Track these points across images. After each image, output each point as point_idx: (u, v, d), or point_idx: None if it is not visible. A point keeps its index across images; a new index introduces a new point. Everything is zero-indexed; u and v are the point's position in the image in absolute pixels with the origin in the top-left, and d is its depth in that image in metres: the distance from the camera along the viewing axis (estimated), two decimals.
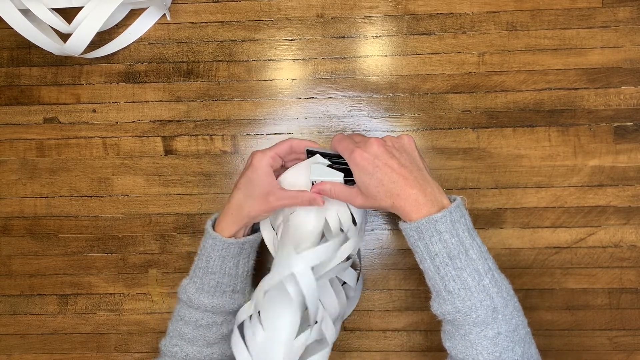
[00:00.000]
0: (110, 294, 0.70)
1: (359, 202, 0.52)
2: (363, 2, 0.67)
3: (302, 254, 0.52)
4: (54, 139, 0.69)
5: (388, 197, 0.50)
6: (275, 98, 0.68)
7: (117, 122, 0.69)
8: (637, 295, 0.66)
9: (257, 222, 0.58)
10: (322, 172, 0.55)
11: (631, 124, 0.66)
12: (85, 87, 0.69)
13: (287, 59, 0.68)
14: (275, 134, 0.68)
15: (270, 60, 0.68)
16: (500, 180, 0.67)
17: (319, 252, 0.53)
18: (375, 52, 0.67)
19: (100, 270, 0.69)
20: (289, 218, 0.56)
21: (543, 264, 0.66)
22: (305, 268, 0.51)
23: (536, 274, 0.66)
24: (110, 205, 0.69)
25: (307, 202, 0.54)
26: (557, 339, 0.66)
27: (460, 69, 0.67)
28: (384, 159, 0.50)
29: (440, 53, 0.67)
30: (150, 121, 0.69)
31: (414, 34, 0.67)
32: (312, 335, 0.54)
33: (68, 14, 0.65)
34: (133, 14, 0.69)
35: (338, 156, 0.55)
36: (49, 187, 0.69)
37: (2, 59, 0.70)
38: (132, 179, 0.69)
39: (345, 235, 0.56)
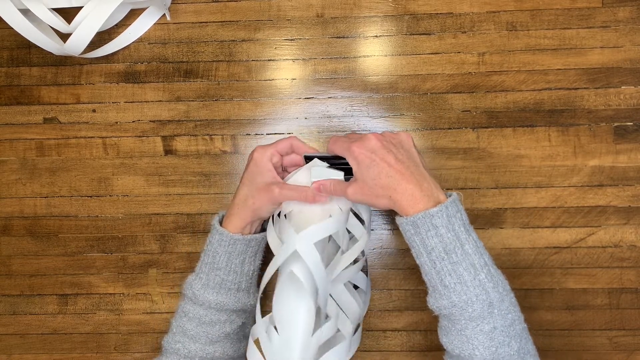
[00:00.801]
0: (110, 294, 0.70)
1: (358, 196, 0.53)
2: (363, 2, 0.67)
3: (302, 232, 0.51)
4: (54, 138, 0.69)
5: (385, 191, 0.50)
6: (275, 98, 0.68)
7: (117, 122, 0.69)
8: (637, 295, 0.66)
9: (263, 217, 0.58)
10: (322, 173, 0.55)
11: (631, 124, 0.66)
12: (85, 87, 0.69)
13: (287, 59, 0.68)
14: (275, 133, 0.68)
15: (270, 60, 0.68)
16: (500, 180, 0.67)
17: (320, 228, 0.52)
18: (375, 52, 0.67)
19: (100, 270, 0.69)
20: (292, 216, 0.56)
21: (543, 264, 0.66)
22: (307, 245, 0.51)
23: (536, 274, 0.66)
24: (110, 205, 0.69)
25: (310, 199, 0.55)
26: (557, 339, 0.66)
27: (460, 68, 0.67)
28: (381, 154, 0.51)
29: (440, 53, 0.67)
30: (150, 121, 0.69)
31: (413, 34, 0.67)
32: (327, 332, 0.54)
33: (68, 14, 0.65)
34: (133, 14, 0.69)
35: (335, 158, 0.55)
36: (49, 187, 0.69)
37: (2, 59, 0.70)
38: (132, 179, 0.69)
39: (346, 216, 0.56)
